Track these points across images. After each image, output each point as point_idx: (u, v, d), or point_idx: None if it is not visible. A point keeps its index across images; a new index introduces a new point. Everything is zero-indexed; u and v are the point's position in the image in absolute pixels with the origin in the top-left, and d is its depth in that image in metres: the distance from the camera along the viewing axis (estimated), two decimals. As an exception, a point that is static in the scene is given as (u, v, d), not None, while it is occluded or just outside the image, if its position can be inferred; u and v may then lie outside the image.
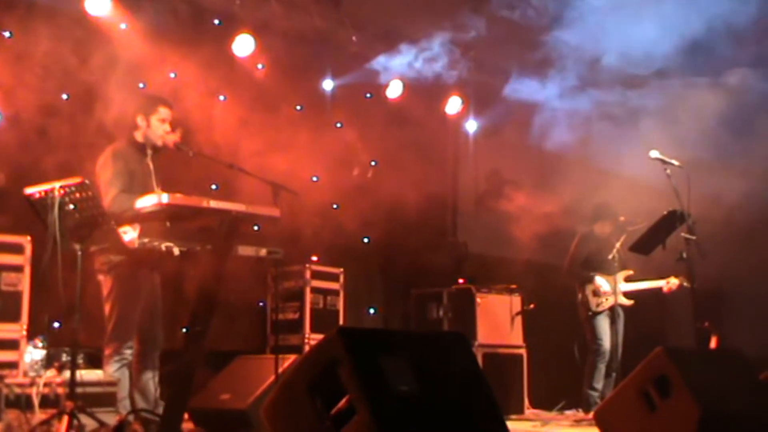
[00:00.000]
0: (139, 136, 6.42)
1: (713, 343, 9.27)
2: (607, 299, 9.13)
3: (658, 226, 8.15)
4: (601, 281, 9.17)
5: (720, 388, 5.71)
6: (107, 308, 6.17)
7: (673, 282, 8.96)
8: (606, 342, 9.13)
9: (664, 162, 7.97)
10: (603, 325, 9.18)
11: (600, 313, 9.19)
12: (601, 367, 9.15)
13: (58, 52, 7.71)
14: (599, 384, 9.13)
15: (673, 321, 11.93)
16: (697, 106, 9.33)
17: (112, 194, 6.06)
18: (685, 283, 8.54)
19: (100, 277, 6.20)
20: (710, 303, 9.03)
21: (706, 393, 5.46)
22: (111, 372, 6.13)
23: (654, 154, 8.03)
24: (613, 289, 9.11)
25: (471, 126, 11.83)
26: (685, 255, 7.80)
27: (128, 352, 6.19)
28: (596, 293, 9.19)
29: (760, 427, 5.87)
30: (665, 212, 7.99)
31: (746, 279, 11.20)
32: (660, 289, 9.15)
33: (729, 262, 10.28)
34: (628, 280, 9.23)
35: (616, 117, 9.92)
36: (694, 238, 7.78)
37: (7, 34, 7.93)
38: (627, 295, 9.19)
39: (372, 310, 10.97)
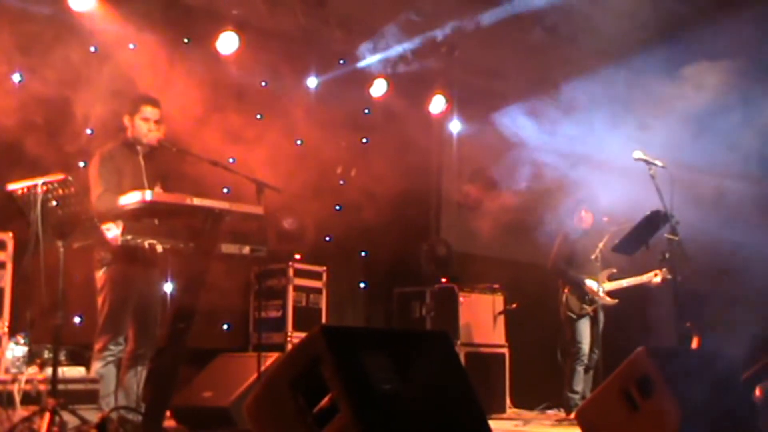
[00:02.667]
0: (129, 136, 6.47)
1: (695, 344, 9.29)
2: (592, 303, 9.13)
3: (641, 226, 8.15)
4: (592, 284, 9.16)
5: (701, 388, 5.73)
6: (99, 302, 6.20)
7: (657, 279, 8.94)
8: (585, 345, 9.14)
9: (647, 162, 7.99)
10: (584, 328, 9.19)
11: (583, 316, 9.20)
12: (580, 370, 9.16)
13: (42, 49, 7.68)
14: (579, 386, 9.14)
15: (656, 321, 11.96)
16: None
17: (97, 193, 6.12)
18: (668, 276, 8.51)
19: (96, 273, 6.22)
20: (692, 303, 9.04)
21: (688, 393, 5.48)
22: (98, 368, 6.13)
23: (637, 154, 8.04)
24: (598, 290, 9.14)
25: (455, 126, 11.84)
26: (668, 255, 7.82)
27: (117, 348, 6.20)
28: (582, 297, 9.17)
29: (740, 427, 5.91)
30: (648, 212, 8.00)
31: (728, 279, 11.23)
32: (644, 284, 9.15)
33: (711, 262, 10.33)
34: (611, 278, 9.25)
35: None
36: (677, 238, 7.79)
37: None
38: (611, 293, 9.20)
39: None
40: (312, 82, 10.33)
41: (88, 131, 7.82)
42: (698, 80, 9.45)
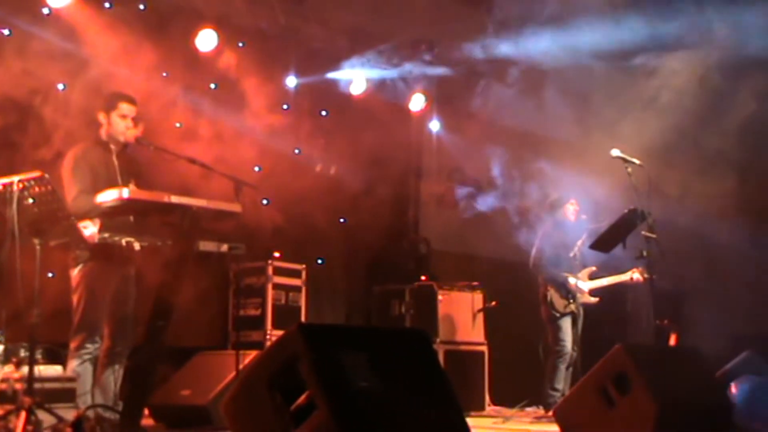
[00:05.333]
0: (102, 133, 6.44)
1: (672, 341, 9.34)
2: (574, 300, 9.14)
3: (618, 224, 8.18)
4: (576, 281, 9.16)
5: (677, 385, 5.77)
6: (74, 301, 6.17)
7: (637, 276, 8.96)
8: (568, 343, 9.13)
9: (625, 160, 8.02)
10: (567, 326, 9.17)
11: (566, 314, 9.21)
12: (562, 368, 9.15)
13: (21, 47, 7.64)
14: (560, 384, 9.13)
15: (633, 319, 12.02)
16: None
17: (72, 195, 6.09)
18: (645, 275, 8.53)
19: (70, 271, 6.19)
20: (670, 301, 9.09)
21: (664, 390, 5.52)
22: (74, 366, 6.10)
23: (615, 152, 8.07)
24: (581, 288, 9.16)
25: (434, 125, 11.86)
26: (645, 253, 7.85)
27: (93, 346, 6.17)
28: (566, 296, 9.18)
29: (715, 424, 5.95)
30: (626, 210, 8.03)
31: (705, 277, 11.30)
32: (623, 283, 9.18)
33: (688, 260, 10.40)
34: (591, 277, 9.27)
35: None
36: (654, 236, 7.83)
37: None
38: (592, 292, 9.22)
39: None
40: (291, 80, 10.32)
41: (66, 129, 7.78)
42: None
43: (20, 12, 7.80)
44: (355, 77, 10.47)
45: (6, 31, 7.71)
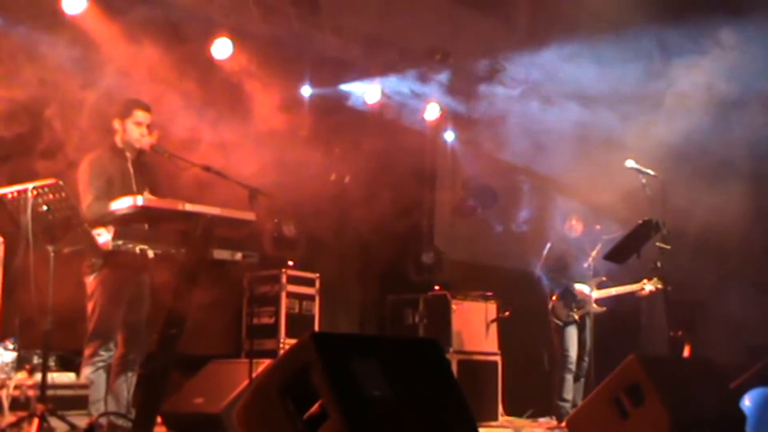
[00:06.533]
0: (118, 141, 6.45)
1: (686, 352, 9.31)
2: (580, 308, 9.12)
3: (633, 235, 8.16)
4: (582, 287, 9.15)
5: (691, 396, 5.75)
6: (89, 309, 6.18)
7: (649, 286, 8.92)
8: (573, 352, 9.12)
9: (639, 171, 8.01)
10: (571, 335, 9.17)
11: (570, 323, 9.18)
12: (569, 378, 9.14)
13: (35, 53, 7.67)
14: (569, 395, 9.11)
15: (647, 329, 11.98)
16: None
17: (87, 202, 6.12)
18: (659, 286, 8.50)
19: (86, 279, 6.20)
20: (684, 312, 9.05)
21: (678, 401, 5.49)
22: (88, 373, 6.11)
23: (630, 163, 8.06)
24: (588, 296, 9.14)
25: (449, 135, 11.85)
26: (659, 264, 7.83)
27: (107, 354, 6.18)
28: (568, 304, 9.16)
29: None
30: (640, 221, 8.01)
31: (719, 288, 11.27)
32: (634, 293, 9.14)
33: (702, 271, 10.37)
34: (599, 287, 9.24)
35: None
36: (668, 247, 7.81)
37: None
38: (599, 301, 9.20)
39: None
40: (306, 89, 10.32)
41: (81, 136, 7.80)
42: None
43: (35, 18, 7.83)
44: (370, 86, 10.46)
45: (20, 37, 7.73)
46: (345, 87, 10.42)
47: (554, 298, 9.25)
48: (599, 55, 9.68)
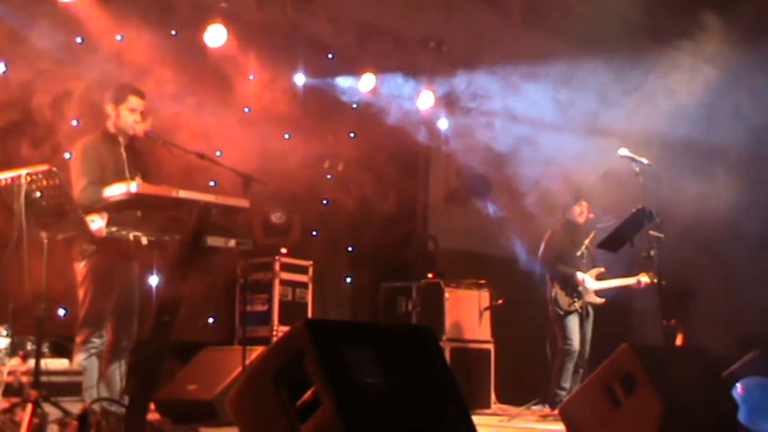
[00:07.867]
0: (110, 126, 6.43)
1: (679, 341, 9.33)
2: (580, 298, 9.12)
3: (626, 223, 8.18)
4: (584, 276, 9.14)
5: (683, 385, 5.76)
6: (80, 295, 6.19)
7: (645, 279, 8.94)
8: (575, 342, 9.10)
9: (633, 160, 8.01)
10: (573, 324, 9.15)
11: (571, 312, 9.18)
12: (570, 367, 9.12)
13: (28, 39, 7.64)
14: (567, 383, 9.10)
15: (640, 318, 12.02)
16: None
17: (80, 186, 6.11)
18: (654, 280, 8.52)
19: (76, 265, 6.21)
20: (677, 301, 9.07)
21: (670, 389, 5.51)
22: (80, 360, 6.12)
23: (623, 151, 8.06)
24: (588, 284, 9.14)
25: (443, 123, 11.83)
26: (652, 253, 7.84)
27: (99, 341, 6.19)
28: (571, 293, 9.16)
29: (721, 424, 5.94)
30: (634, 210, 8.01)
31: (712, 277, 11.30)
32: (630, 286, 9.16)
33: (695, 260, 10.39)
34: (599, 278, 9.24)
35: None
36: (661, 236, 7.81)
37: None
38: (598, 293, 9.20)
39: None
40: (300, 77, 10.30)
41: (74, 122, 7.78)
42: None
43: (28, 4, 7.80)
44: (363, 74, 10.44)
45: (12, 25, 7.70)
46: (339, 75, 10.40)
47: (556, 287, 9.23)
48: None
